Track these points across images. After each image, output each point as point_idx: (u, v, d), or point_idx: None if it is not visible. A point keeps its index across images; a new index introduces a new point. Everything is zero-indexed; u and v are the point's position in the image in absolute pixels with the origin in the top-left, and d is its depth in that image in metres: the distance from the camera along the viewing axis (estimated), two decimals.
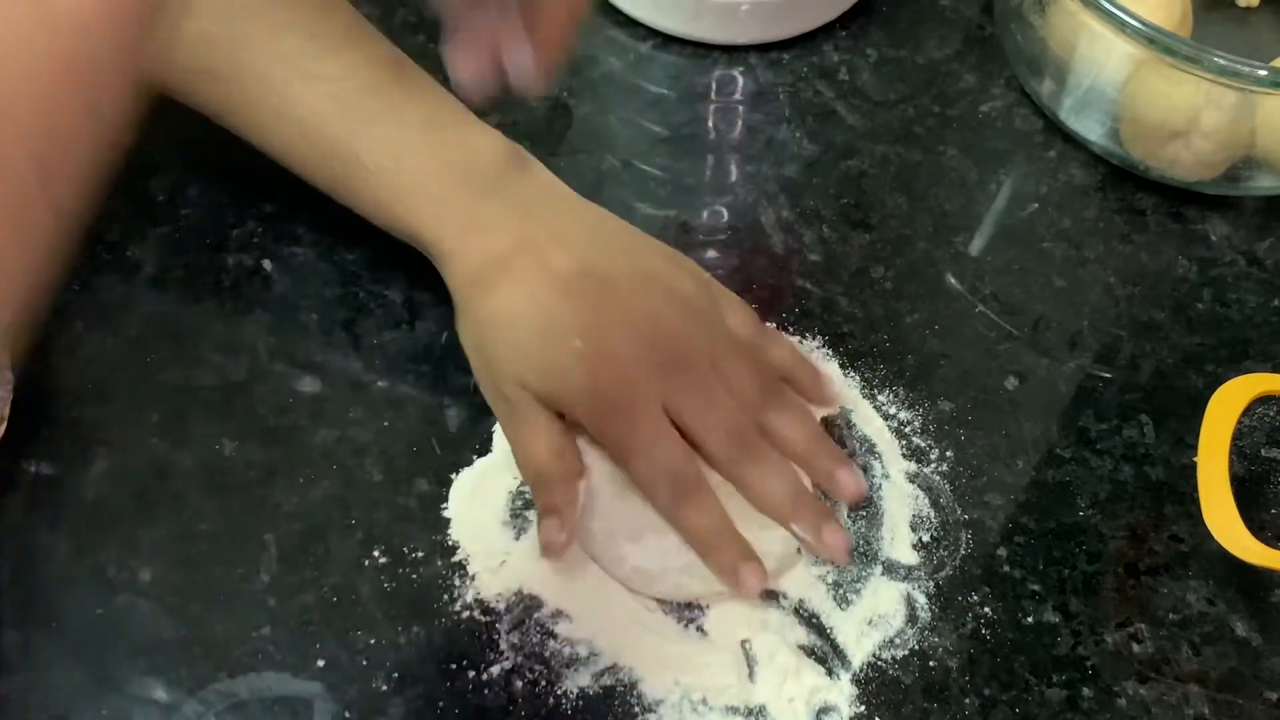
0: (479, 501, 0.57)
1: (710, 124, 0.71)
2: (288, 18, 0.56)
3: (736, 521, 0.54)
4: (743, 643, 0.54)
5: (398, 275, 0.64)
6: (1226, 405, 0.57)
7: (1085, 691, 0.54)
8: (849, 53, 0.74)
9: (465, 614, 0.54)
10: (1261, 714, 0.54)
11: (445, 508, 0.57)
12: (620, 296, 0.54)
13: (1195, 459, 0.56)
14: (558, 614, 0.54)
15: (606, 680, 0.53)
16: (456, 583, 0.55)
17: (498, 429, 0.59)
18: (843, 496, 0.56)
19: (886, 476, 0.59)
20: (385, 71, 0.57)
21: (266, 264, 0.64)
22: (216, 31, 0.55)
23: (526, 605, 0.55)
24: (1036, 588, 0.56)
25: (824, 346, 0.62)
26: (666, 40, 0.74)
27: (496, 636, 0.54)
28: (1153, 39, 0.62)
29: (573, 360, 0.53)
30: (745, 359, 0.56)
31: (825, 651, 0.54)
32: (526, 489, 0.57)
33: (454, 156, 0.56)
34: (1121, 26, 0.62)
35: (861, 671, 0.54)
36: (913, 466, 0.59)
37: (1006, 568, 0.57)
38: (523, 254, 0.55)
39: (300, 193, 0.66)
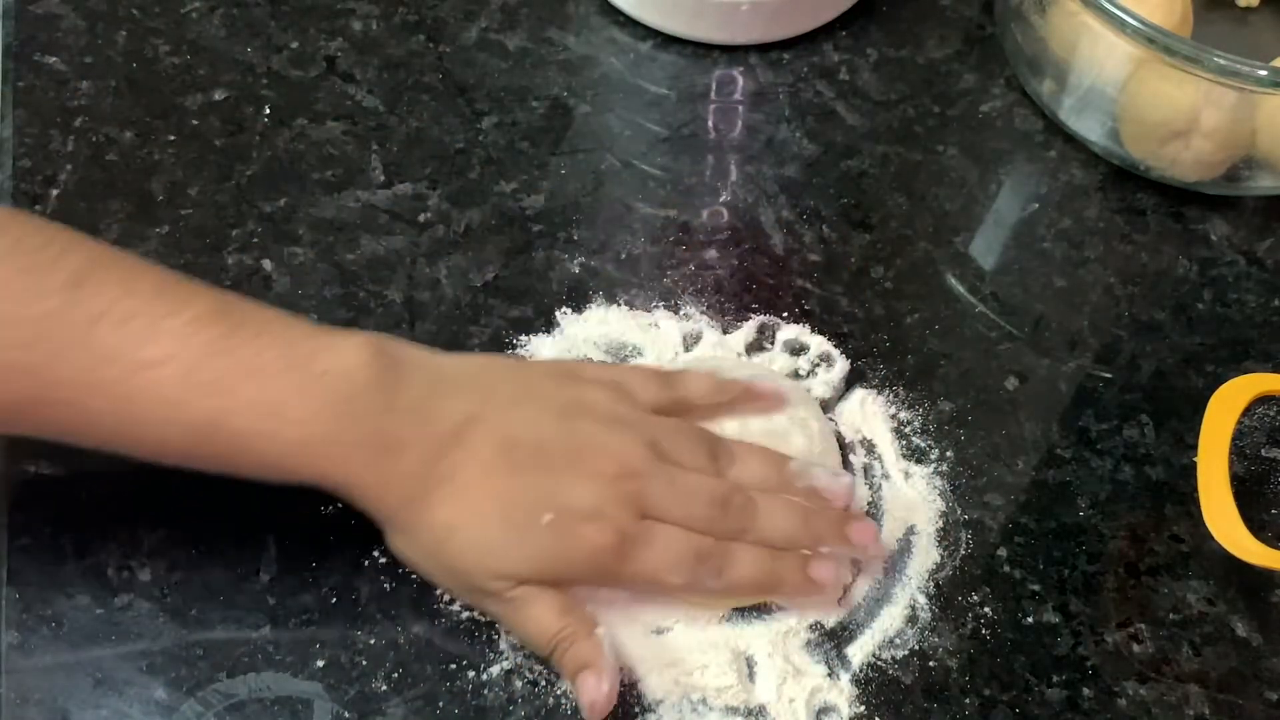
0: None
1: (710, 124, 0.71)
2: (92, 311, 0.48)
3: None
4: (743, 643, 0.54)
5: (398, 275, 0.64)
6: (1226, 405, 0.57)
7: (1085, 691, 0.54)
8: (849, 53, 0.74)
9: (465, 614, 0.54)
10: (1261, 714, 0.54)
11: None
12: (552, 448, 0.53)
13: (1195, 459, 0.56)
14: None
15: None
16: None
17: None
18: (836, 502, 0.55)
19: (886, 476, 0.59)
20: (217, 325, 0.50)
21: (266, 264, 0.64)
22: (19, 359, 0.48)
23: None
24: (1036, 588, 0.56)
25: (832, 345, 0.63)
26: (666, 40, 0.74)
27: (496, 636, 0.54)
28: (1153, 39, 0.62)
29: (552, 535, 0.51)
30: (681, 433, 0.55)
31: (825, 651, 0.54)
32: None
33: (332, 387, 0.50)
34: (1121, 26, 0.62)
35: (861, 671, 0.54)
36: (913, 466, 0.59)
37: (1006, 568, 0.57)
38: (442, 456, 0.51)
39: (300, 193, 0.66)
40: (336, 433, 0.50)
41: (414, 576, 0.55)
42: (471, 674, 0.53)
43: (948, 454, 0.60)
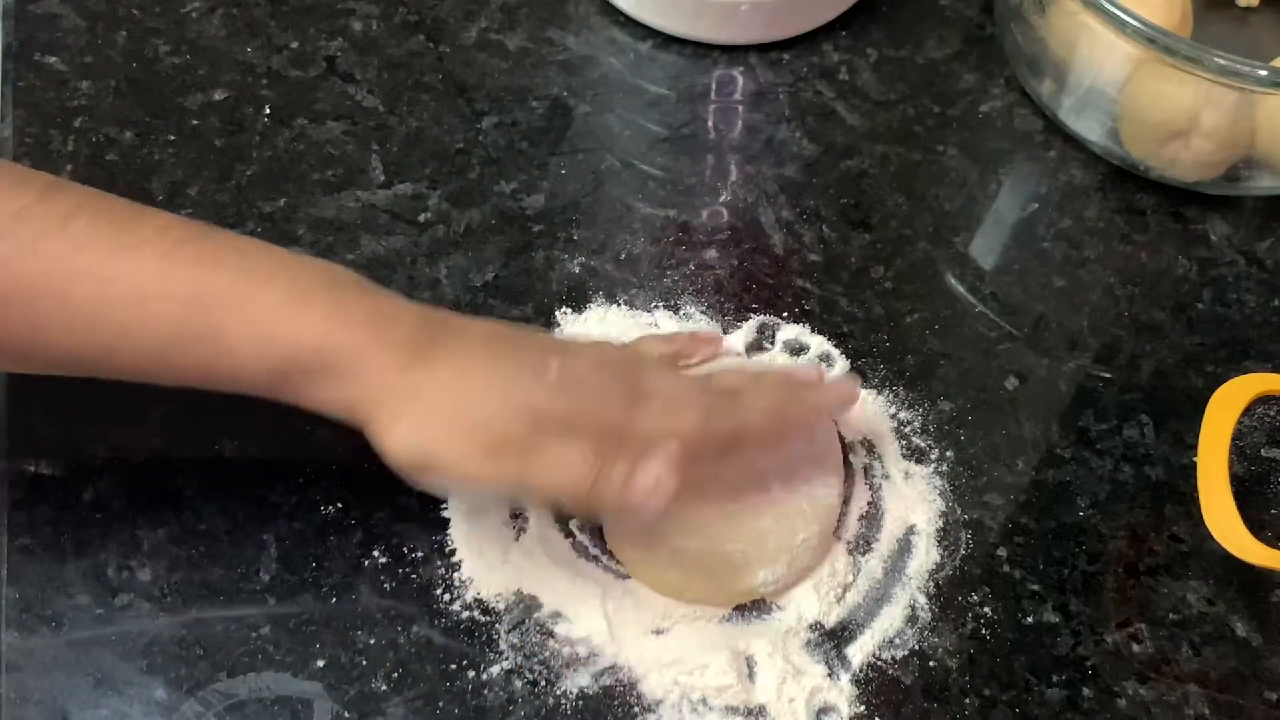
0: (479, 501, 0.57)
1: (710, 124, 0.71)
2: (67, 208, 0.48)
3: (731, 545, 0.55)
4: (743, 643, 0.54)
5: (398, 275, 0.64)
6: (1226, 405, 0.57)
7: (1085, 691, 0.54)
8: (849, 53, 0.74)
9: (465, 614, 0.54)
10: (1261, 714, 0.54)
11: (445, 508, 0.57)
12: (540, 340, 0.54)
13: (1195, 459, 0.56)
14: (557, 614, 0.55)
15: (606, 680, 0.53)
16: (456, 583, 0.55)
17: None
18: (807, 377, 0.57)
19: (886, 476, 0.59)
20: (195, 225, 0.50)
21: None
22: None
23: (526, 605, 0.55)
24: (1036, 588, 0.56)
25: (831, 344, 0.63)
26: (666, 40, 0.74)
27: (496, 636, 0.54)
28: (1153, 39, 0.62)
29: (562, 379, 0.50)
30: (657, 364, 0.56)
31: (825, 651, 0.54)
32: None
33: (318, 271, 0.50)
34: (1121, 26, 0.62)
35: (861, 671, 0.54)
36: (913, 466, 0.59)
37: (1006, 568, 0.57)
38: (437, 330, 0.51)
39: (300, 193, 0.66)
40: (327, 297, 0.49)
41: (414, 576, 0.55)
42: (471, 674, 0.53)
43: (948, 454, 0.60)
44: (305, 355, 0.48)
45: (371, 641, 0.54)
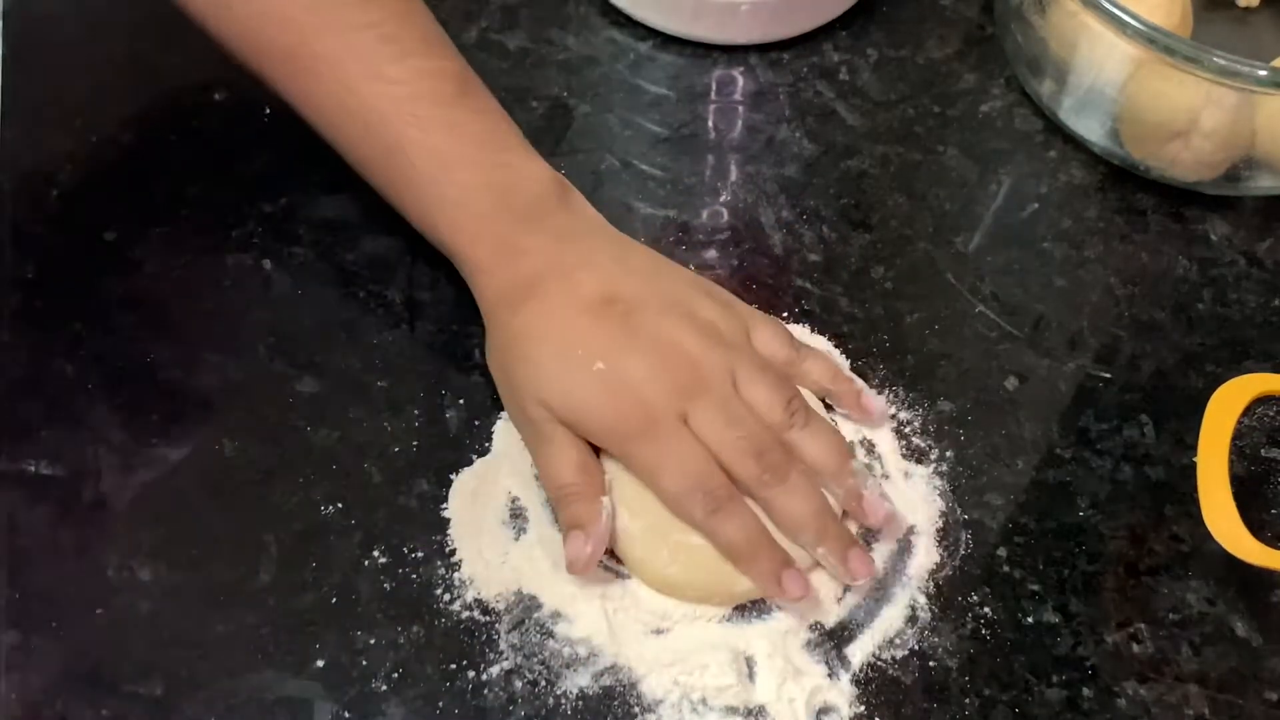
0: (479, 501, 0.57)
1: (710, 124, 0.71)
2: (368, 17, 0.57)
3: None
4: (743, 643, 0.54)
5: (398, 275, 0.64)
6: (1226, 405, 0.57)
7: (1085, 691, 0.54)
8: (849, 53, 0.74)
9: (465, 614, 0.54)
10: (1261, 714, 0.54)
11: (445, 508, 0.57)
12: (642, 321, 0.55)
13: (1195, 459, 0.56)
14: (557, 614, 0.55)
15: (606, 680, 0.53)
16: (456, 583, 0.55)
17: (498, 429, 0.59)
18: (865, 520, 0.56)
19: (886, 476, 0.59)
20: (450, 84, 0.58)
21: (266, 264, 0.64)
22: (299, 17, 0.57)
23: (526, 605, 0.55)
24: (1036, 588, 0.56)
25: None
26: (666, 40, 0.74)
27: (496, 636, 0.54)
28: (1153, 39, 0.62)
29: (593, 383, 0.54)
30: (768, 378, 0.56)
31: (825, 651, 0.54)
32: (522, 489, 0.57)
33: (501, 177, 0.58)
34: (1121, 26, 0.62)
35: (861, 671, 0.54)
36: (913, 466, 0.59)
37: (1006, 568, 0.57)
38: (551, 277, 0.56)
39: (300, 193, 0.66)
40: (484, 211, 0.57)
41: (414, 576, 0.55)
42: (471, 674, 0.53)
43: (948, 454, 0.60)
44: (448, 247, 0.59)
45: (371, 641, 0.54)
